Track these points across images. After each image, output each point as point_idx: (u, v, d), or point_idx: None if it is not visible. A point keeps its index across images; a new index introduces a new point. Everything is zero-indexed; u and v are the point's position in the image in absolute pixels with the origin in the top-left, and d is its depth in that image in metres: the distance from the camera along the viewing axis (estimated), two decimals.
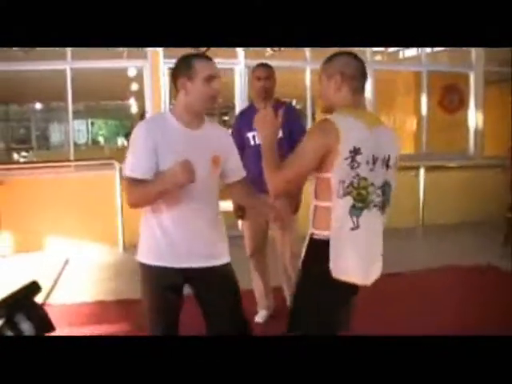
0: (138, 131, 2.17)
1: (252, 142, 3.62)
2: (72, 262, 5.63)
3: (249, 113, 3.70)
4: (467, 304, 4.16)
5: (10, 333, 1.40)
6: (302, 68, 6.94)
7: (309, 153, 1.96)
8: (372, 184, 1.98)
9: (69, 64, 6.25)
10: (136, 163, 2.11)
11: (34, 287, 1.50)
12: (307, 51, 6.94)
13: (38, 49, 5.89)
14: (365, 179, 1.96)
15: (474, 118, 7.77)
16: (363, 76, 2.09)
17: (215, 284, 2.27)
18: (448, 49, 8.23)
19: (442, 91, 8.88)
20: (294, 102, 12.29)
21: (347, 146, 1.92)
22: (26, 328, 1.42)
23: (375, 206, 2.00)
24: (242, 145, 3.62)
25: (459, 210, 7.18)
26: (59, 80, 6.43)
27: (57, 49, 6.14)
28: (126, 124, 18.01)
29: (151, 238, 2.24)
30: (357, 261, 1.99)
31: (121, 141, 16.66)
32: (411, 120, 9.55)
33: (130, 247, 5.49)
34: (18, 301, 1.43)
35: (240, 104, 6.76)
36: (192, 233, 2.21)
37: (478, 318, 3.70)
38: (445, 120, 8.50)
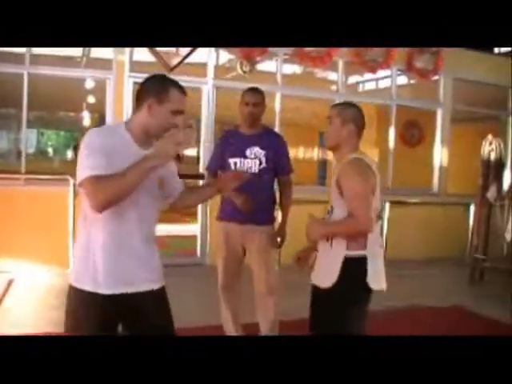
0: (93, 137, 2.00)
1: (233, 168, 3.42)
2: (17, 282, 5.19)
3: (232, 138, 3.52)
4: None
5: None
6: (271, 92, 6.69)
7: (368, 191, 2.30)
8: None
9: (26, 69, 5.87)
10: (96, 162, 1.91)
11: None
12: (278, 76, 6.82)
13: None
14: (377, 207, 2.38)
15: (440, 154, 7.81)
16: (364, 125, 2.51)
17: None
18: (413, 83, 8.29)
19: (403, 126, 8.97)
20: None
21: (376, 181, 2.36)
22: None
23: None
24: (222, 169, 3.50)
25: (422, 245, 7.14)
26: (12, 85, 6.04)
27: (14, 52, 5.77)
28: (76, 136, 17.40)
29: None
30: (382, 271, 2.41)
31: (70, 153, 16.00)
32: (373, 154, 9.55)
33: None
34: None
35: (206, 125, 6.52)
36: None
37: None
38: (407, 154, 8.53)
